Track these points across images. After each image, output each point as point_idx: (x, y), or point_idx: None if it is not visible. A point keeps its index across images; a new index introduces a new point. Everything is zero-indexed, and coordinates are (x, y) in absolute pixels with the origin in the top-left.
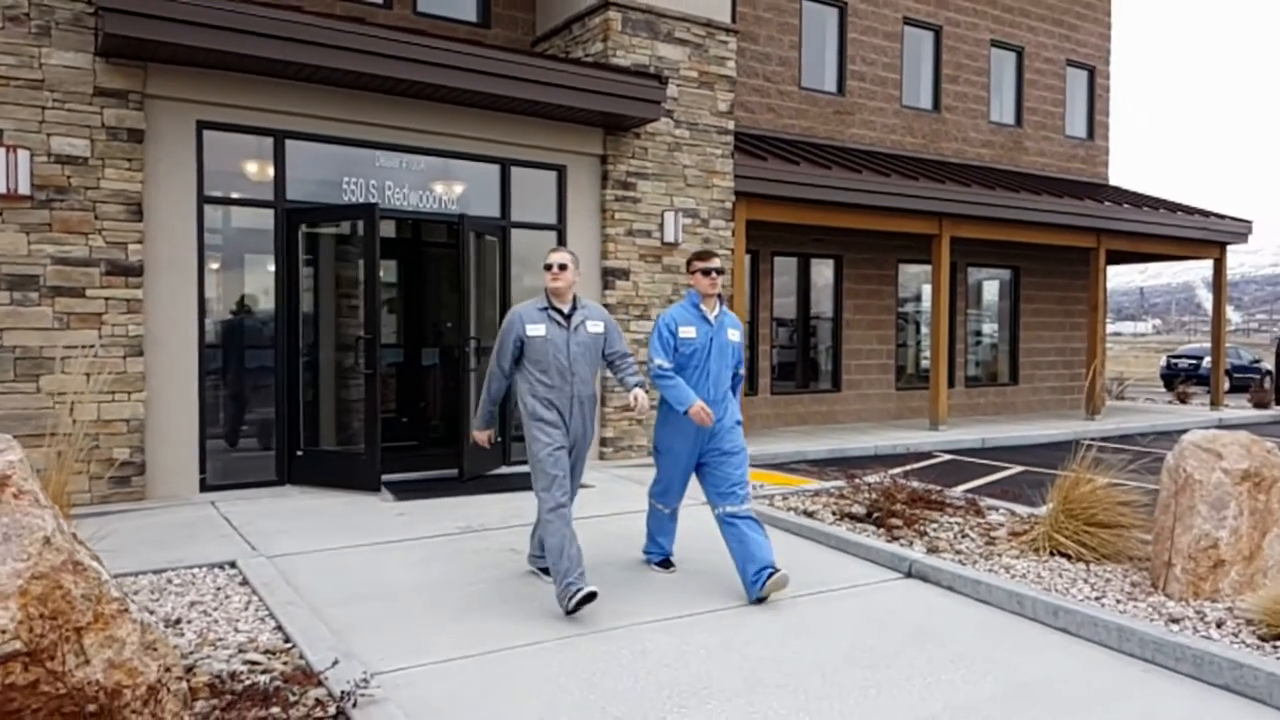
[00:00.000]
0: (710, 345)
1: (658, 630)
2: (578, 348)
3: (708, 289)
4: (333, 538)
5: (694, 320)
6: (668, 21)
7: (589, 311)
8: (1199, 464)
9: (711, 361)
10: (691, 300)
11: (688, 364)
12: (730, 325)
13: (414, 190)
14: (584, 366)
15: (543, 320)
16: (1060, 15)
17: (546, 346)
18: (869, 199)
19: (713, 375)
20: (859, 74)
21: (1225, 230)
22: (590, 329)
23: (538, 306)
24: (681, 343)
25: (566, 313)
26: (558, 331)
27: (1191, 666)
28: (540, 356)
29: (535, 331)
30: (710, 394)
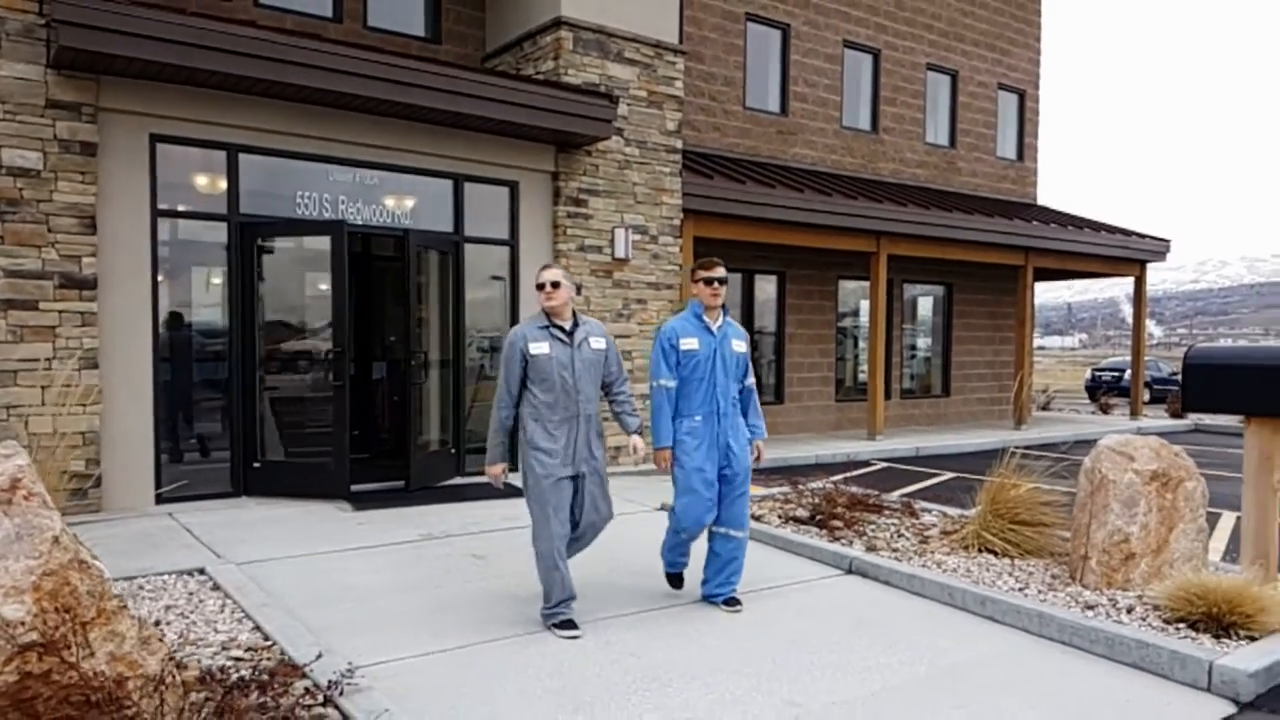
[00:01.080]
0: (714, 356)
1: (621, 625)
2: (582, 364)
3: (709, 299)
4: (297, 545)
5: (696, 331)
6: (618, 42)
7: (590, 328)
8: (1113, 466)
9: (717, 373)
10: (694, 311)
11: (692, 376)
12: (735, 336)
13: (367, 205)
14: (588, 384)
15: (545, 338)
16: (993, 41)
17: (550, 365)
18: (811, 217)
19: (719, 387)
20: (801, 95)
21: (1145, 249)
22: (593, 345)
23: (538, 325)
24: (683, 355)
25: (568, 329)
26: (561, 349)
27: (1105, 648)
28: (545, 375)
29: (539, 350)
30: (718, 406)
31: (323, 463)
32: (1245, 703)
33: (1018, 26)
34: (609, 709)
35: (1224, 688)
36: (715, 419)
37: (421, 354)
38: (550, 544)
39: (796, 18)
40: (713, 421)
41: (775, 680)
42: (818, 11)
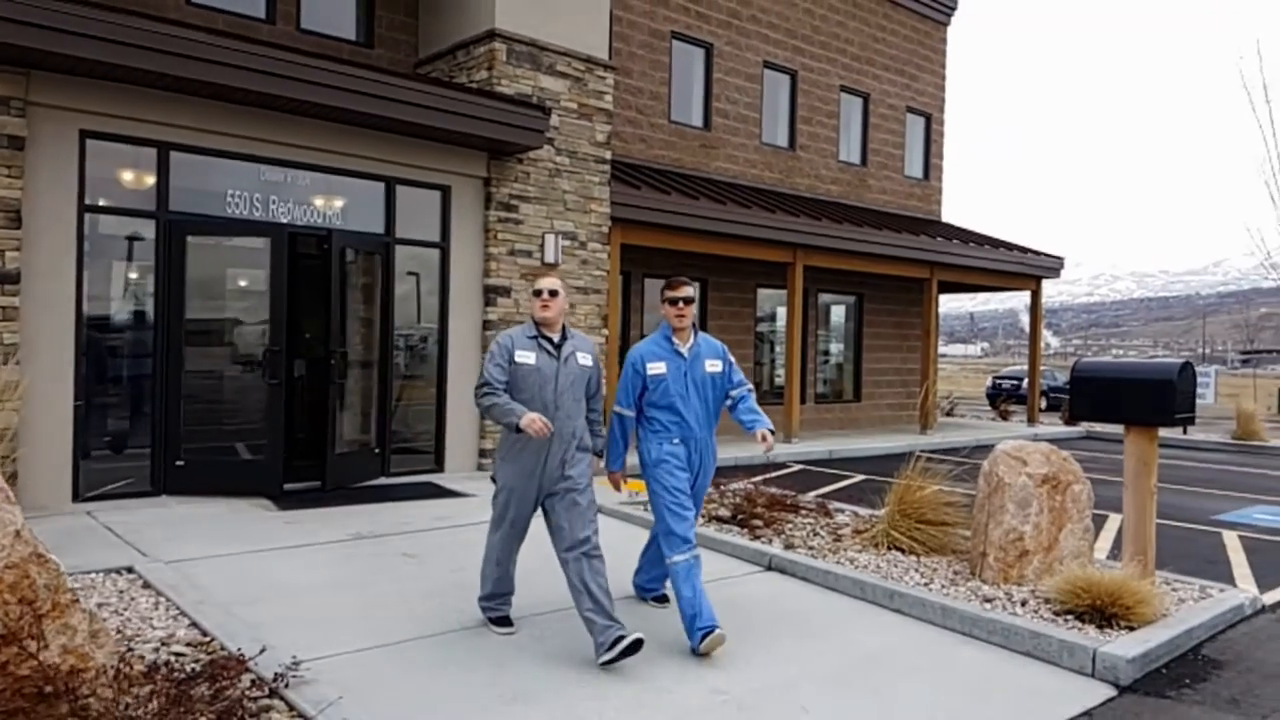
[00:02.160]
0: (685, 380)
1: (553, 619)
2: (566, 380)
3: (675, 320)
4: (226, 545)
5: (664, 355)
6: (550, 55)
7: (578, 342)
8: (1008, 469)
9: (690, 397)
10: (663, 333)
11: (661, 401)
12: (708, 355)
13: (298, 205)
14: (570, 401)
15: (533, 348)
16: (902, 66)
17: (533, 377)
18: (733, 229)
19: (693, 410)
20: (723, 111)
21: (1041, 265)
22: (580, 361)
23: (527, 334)
24: (651, 380)
25: (557, 342)
26: (547, 361)
27: (1001, 637)
28: (523, 387)
29: (525, 359)
30: (693, 431)
31: (250, 461)
32: (1125, 686)
33: (924, 53)
34: (545, 697)
35: (1106, 673)
36: (688, 444)
37: (341, 353)
38: (497, 550)
39: (719, 38)
40: (688, 446)
41: (702, 669)
42: (739, 33)
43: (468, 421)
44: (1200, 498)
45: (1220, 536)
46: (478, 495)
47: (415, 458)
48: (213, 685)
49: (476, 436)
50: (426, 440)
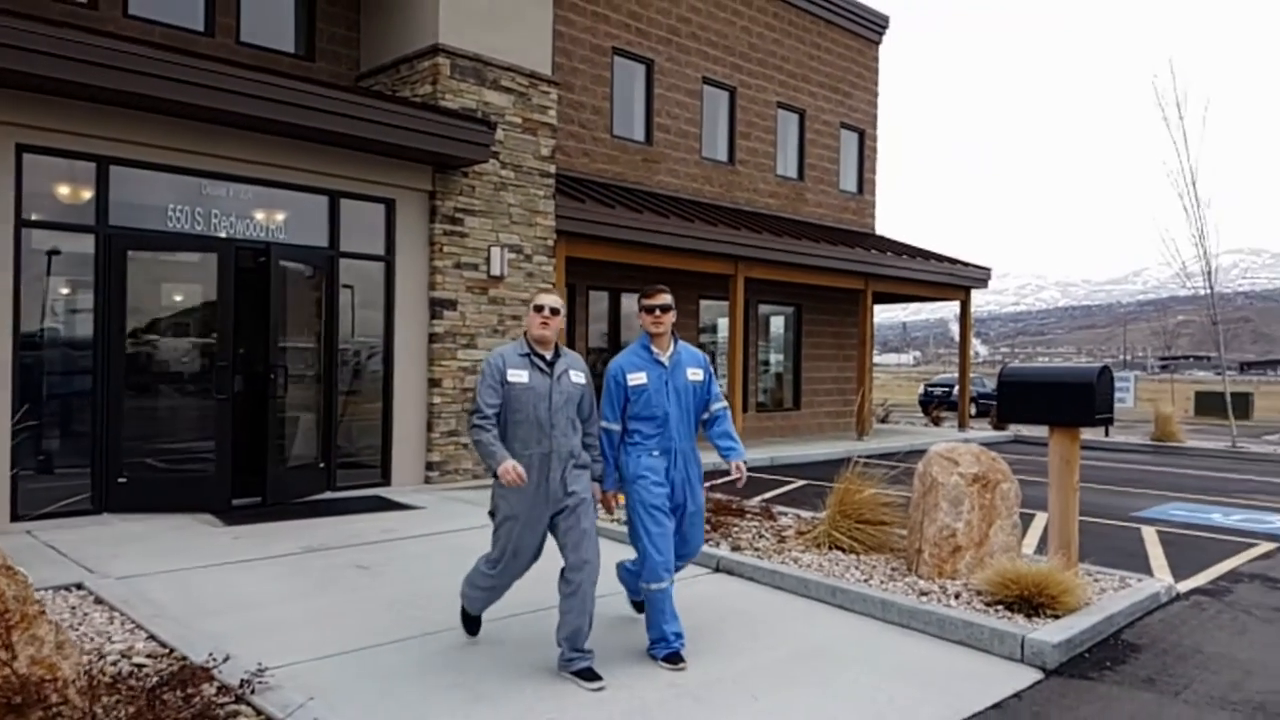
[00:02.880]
0: (666, 389)
1: (511, 624)
2: (560, 398)
3: (652, 327)
4: (175, 560)
5: (644, 364)
6: (494, 70)
7: (571, 360)
8: (941, 470)
9: (670, 407)
10: (642, 342)
11: (643, 412)
12: (689, 364)
13: (240, 219)
14: (564, 419)
15: (525, 366)
16: (836, 83)
17: (527, 395)
18: (676, 241)
19: (673, 422)
20: (664, 126)
21: (969, 276)
22: (574, 379)
23: (519, 351)
24: (632, 391)
25: (550, 359)
26: (540, 379)
27: (937, 628)
28: (518, 406)
29: (517, 377)
30: (674, 443)
31: (195, 477)
32: (1051, 670)
33: (858, 71)
34: (509, 696)
35: (1034, 658)
36: (671, 456)
37: (281, 367)
38: (488, 578)
39: (660, 54)
40: (669, 458)
41: (658, 667)
42: (679, 49)
43: (414, 435)
44: (1121, 496)
45: (1139, 531)
46: (426, 508)
47: (362, 472)
48: (182, 692)
49: (423, 450)
50: (373, 454)
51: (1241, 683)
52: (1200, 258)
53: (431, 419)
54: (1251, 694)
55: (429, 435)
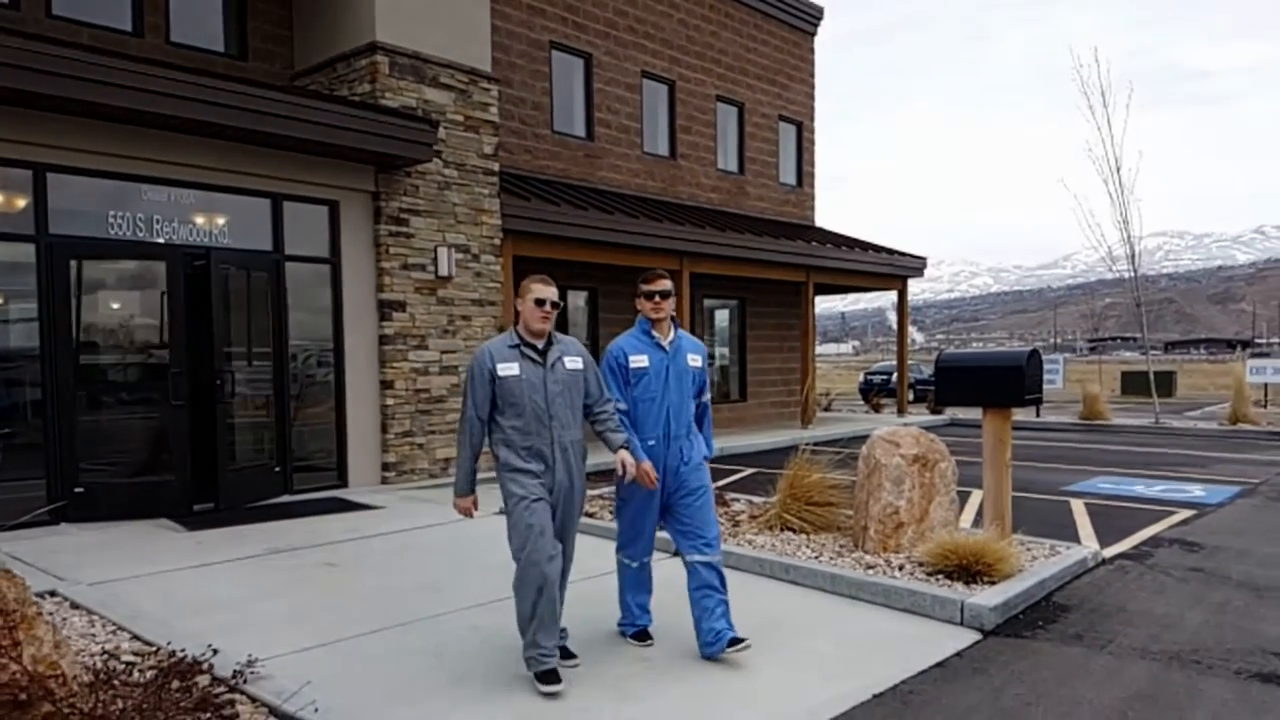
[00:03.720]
0: (666, 374)
1: (480, 613)
2: (556, 386)
3: (651, 312)
4: (142, 565)
5: (645, 348)
6: (433, 68)
7: (566, 346)
8: (884, 452)
9: (670, 392)
10: (641, 327)
11: (643, 396)
12: (689, 350)
13: (183, 224)
14: (564, 408)
15: (515, 358)
16: (773, 76)
17: (521, 387)
18: (622, 238)
19: (673, 407)
20: (605, 121)
21: (906, 266)
22: (569, 365)
23: (508, 344)
24: (633, 374)
25: (541, 348)
26: (533, 370)
27: (883, 597)
28: (515, 400)
29: (508, 371)
30: (671, 428)
31: (153, 484)
32: (989, 630)
33: (794, 63)
34: (488, 676)
35: (973, 620)
36: (669, 441)
37: (228, 372)
38: (539, 568)
39: (598, 48)
40: (665, 444)
41: (627, 644)
42: (617, 43)
43: (369, 436)
44: (1052, 472)
45: (1068, 504)
46: (386, 507)
47: (319, 474)
48: (180, 683)
49: (379, 451)
50: (329, 457)
51: (1160, 635)
52: (1124, 242)
53: (386, 420)
54: (1168, 645)
55: (384, 436)
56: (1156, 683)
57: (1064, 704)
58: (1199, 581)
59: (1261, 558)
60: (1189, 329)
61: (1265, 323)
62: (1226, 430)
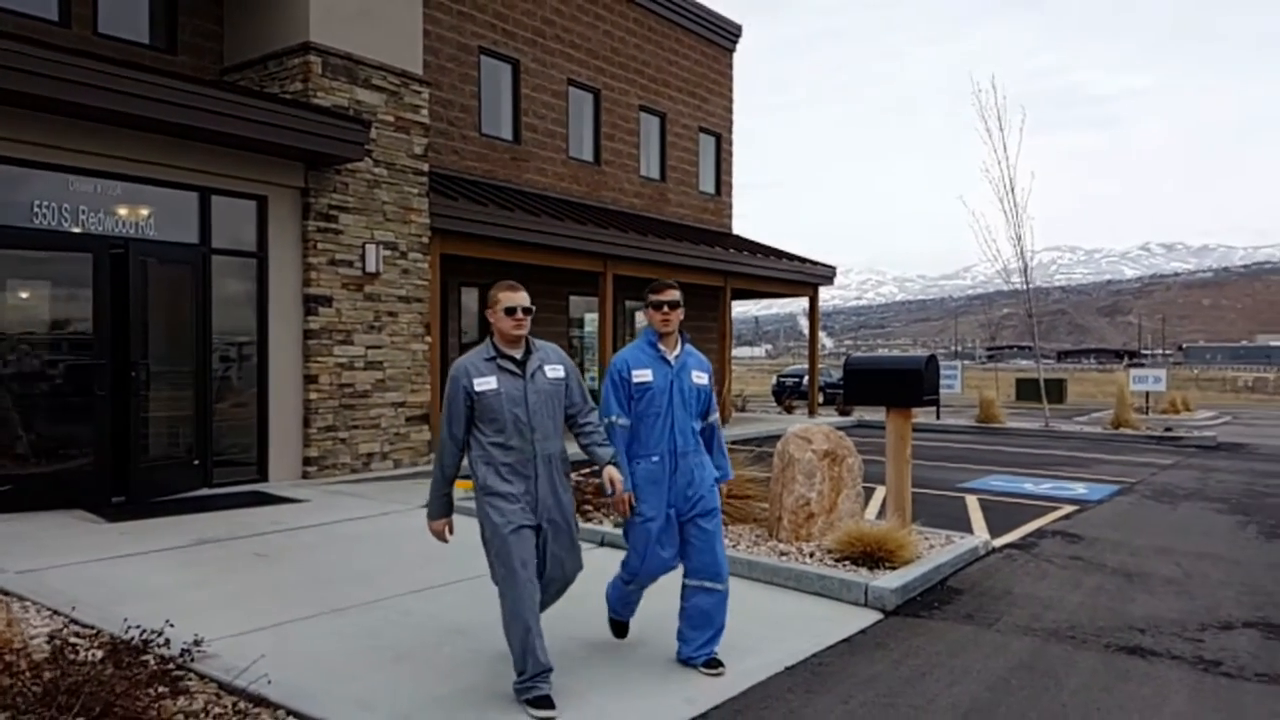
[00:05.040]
0: (671, 390)
1: (414, 599)
2: (536, 397)
3: (660, 325)
4: (69, 555)
5: (650, 361)
6: (366, 69)
7: (546, 354)
8: (797, 448)
9: (675, 408)
10: (647, 339)
11: (646, 411)
12: (695, 367)
13: (109, 215)
14: (546, 419)
15: (492, 371)
16: (694, 88)
17: (500, 402)
18: (547, 240)
19: (678, 424)
20: (532, 125)
21: (817, 274)
22: (549, 374)
23: (484, 357)
24: (636, 388)
25: (519, 359)
26: (511, 382)
27: (795, 582)
28: (494, 415)
29: (485, 386)
30: (676, 445)
31: (73, 475)
32: (890, 611)
33: (714, 77)
34: (425, 655)
35: (876, 602)
36: (673, 459)
37: (144, 364)
38: (520, 604)
39: (526, 54)
40: (669, 462)
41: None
42: (544, 51)
43: (292, 431)
44: (949, 470)
45: (963, 499)
46: (310, 500)
47: (239, 468)
48: (134, 659)
49: (301, 445)
50: (249, 450)
51: (1041, 615)
52: (1018, 256)
53: (309, 415)
54: (1048, 623)
55: (306, 431)
56: (1036, 655)
57: (954, 673)
58: (1078, 568)
59: (1134, 548)
60: (1080, 339)
61: (1150, 334)
62: (1109, 434)
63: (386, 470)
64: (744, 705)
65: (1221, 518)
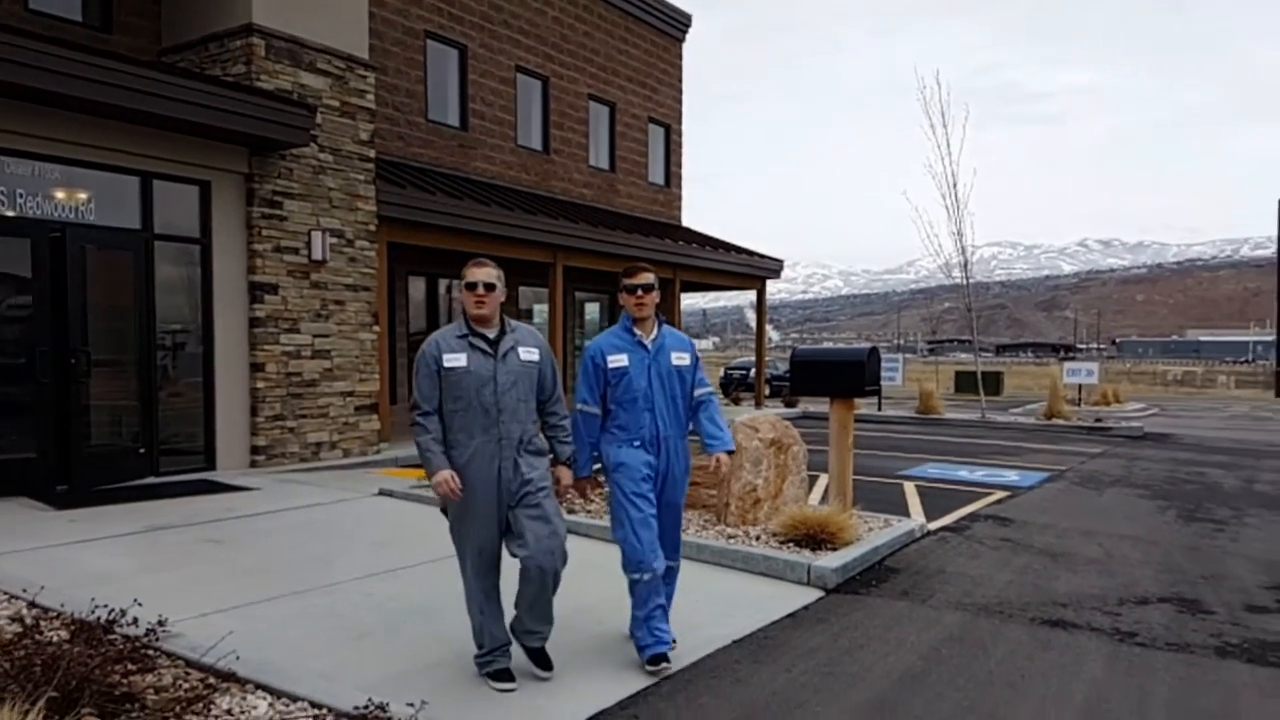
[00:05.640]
0: (649, 374)
1: (373, 581)
2: (507, 378)
3: (634, 309)
4: (18, 542)
5: (626, 347)
6: (310, 52)
7: (520, 335)
8: (745, 436)
9: (654, 393)
10: (623, 324)
11: (624, 397)
12: (674, 348)
13: (47, 199)
14: (514, 401)
15: (462, 349)
16: (643, 79)
17: (466, 380)
18: (497, 229)
19: (658, 409)
20: (479, 112)
21: (765, 267)
22: (523, 356)
23: (456, 333)
24: (612, 374)
25: (493, 338)
26: (482, 361)
27: (743, 563)
28: (459, 393)
29: (454, 362)
30: (659, 430)
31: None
32: (831, 589)
33: (663, 67)
34: (387, 634)
35: (818, 581)
36: (656, 445)
37: (84, 352)
38: (473, 586)
39: (473, 40)
40: (650, 448)
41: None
42: (492, 36)
43: (239, 419)
44: (889, 459)
45: (902, 486)
46: (261, 489)
47: (186, 457)
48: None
49: (248, 434)
50: (196, 439)
51: (972, 591)
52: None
53: (256, 403)
54: (978, 599)
55: (254, 419)
56: (967, 628)
57: (890, 644)
58: (1008, 549)
59: (1060, 531)
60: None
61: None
62: (1042, 425)
63: (336, 459)
64: (695, 675)
65: (1143, 502)
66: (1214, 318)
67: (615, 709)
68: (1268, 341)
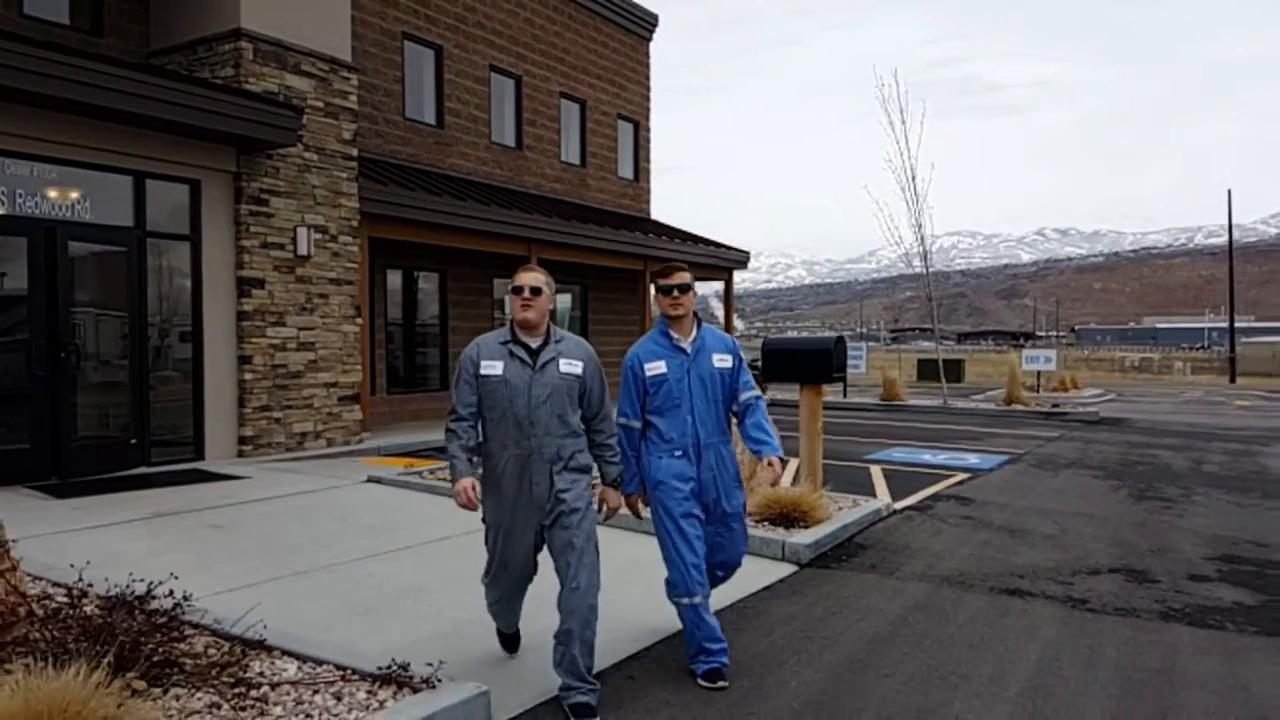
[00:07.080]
0: (688, 379)
1: (372, 563)
2: (541, 390)
3: (669, 310)
4: (26, 528)
5: (663, 352)
6: (295, 55)
7: (565, 346)
8: None
9: (694, 398)
10: (659, 328)
11: (664, 405)
12: (715, 349)
13: (44, 199)
14: (549, 416)
15: (501, 356)
16: (613, 76)
17: (499, 390)
18: (474, 224)
19: (699, 414)
20: (455, 110)
21: (732, 259)
22: (564, 368)
23: (499, 339)
24: (650, 382)
25: (535, 348)
26: (519, 371)
27: None
28: (495, 402)
29: (490, 370)
30: (699, 437)
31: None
32: (804, 564)
33: (632, 65)
34: (391, 609)
35: (792, 556)
36: (697, 452)
37: (74, 345)
38: (489, 592)
39: (449, 40)
40: (693, 456)
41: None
42: (467, 37)
43: (227, 410)
44: (856, 444)
45: (869, 469)
46: (252, 477)
47: (176, 448)
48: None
49: (236, 425)
50: (186, 430)
51: (935, 565)
52: (919, 242)
53: (244, 395)
54: (941, 571)
55: (241, 410)
56: (930, 597)
57: (859, 612)
58: (968, 527)
59: (1018, 510)
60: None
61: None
62: (1002, 410)
63: (320, 449)
64: (680, 641)
65: (1097, 483)
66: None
67: (611, 670)
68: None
